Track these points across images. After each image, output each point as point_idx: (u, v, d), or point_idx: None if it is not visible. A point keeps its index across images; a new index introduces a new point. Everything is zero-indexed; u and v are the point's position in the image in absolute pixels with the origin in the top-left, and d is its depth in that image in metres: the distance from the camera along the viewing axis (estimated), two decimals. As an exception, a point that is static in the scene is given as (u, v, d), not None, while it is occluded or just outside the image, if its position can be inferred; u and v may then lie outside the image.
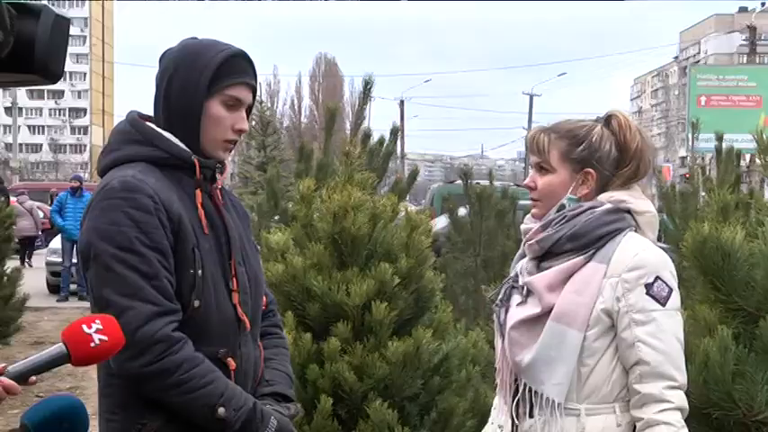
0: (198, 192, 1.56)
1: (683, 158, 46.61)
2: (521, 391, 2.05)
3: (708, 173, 5.90)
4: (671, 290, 1.96)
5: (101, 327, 1.45)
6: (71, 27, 1.71)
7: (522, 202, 4.94)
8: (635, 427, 1.95)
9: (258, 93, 2.26)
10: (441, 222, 5.55)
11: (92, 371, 2.02)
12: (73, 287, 11.27)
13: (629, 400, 1.96)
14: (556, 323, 1.98)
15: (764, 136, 2.57)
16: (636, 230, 2.01)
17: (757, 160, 2.66)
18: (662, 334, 1.93)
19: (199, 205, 1.56)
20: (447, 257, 4.19)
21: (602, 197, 1.98)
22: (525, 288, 2.08)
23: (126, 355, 1.44)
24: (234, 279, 1.60)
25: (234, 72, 1.60)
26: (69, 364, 1.54)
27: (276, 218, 3.92)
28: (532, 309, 2.04)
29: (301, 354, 2.65)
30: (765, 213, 2.55)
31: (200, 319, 1.54)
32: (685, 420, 1.90)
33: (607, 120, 2.07)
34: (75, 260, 9.59)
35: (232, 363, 1.59)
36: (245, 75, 1.62)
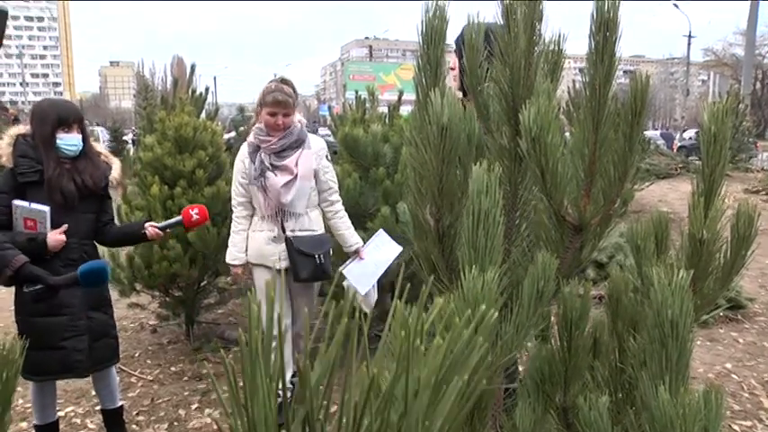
0: None
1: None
2: (284, 214, 3.04)
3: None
4: (330, 156, 3.17)
5: (197, 210, 2.31)
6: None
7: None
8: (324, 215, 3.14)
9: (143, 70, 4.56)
10: (232, 134, 8.87)
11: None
12: None
13: (318, 204, 3.16)
14: (301, 180, 3.03)
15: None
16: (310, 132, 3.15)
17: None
18: (334, 175, 3.19)
19: None
20: (233, 148, 6.67)
21: (296, 119, 3.09)
22: (278, 168, 2.94)
23: None
24: None
25: None
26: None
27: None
28: (288, 176, 2.96)
29: (163, 194, 4.35)
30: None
31: None
32: None
33: None
34: None
35: None
36: None
